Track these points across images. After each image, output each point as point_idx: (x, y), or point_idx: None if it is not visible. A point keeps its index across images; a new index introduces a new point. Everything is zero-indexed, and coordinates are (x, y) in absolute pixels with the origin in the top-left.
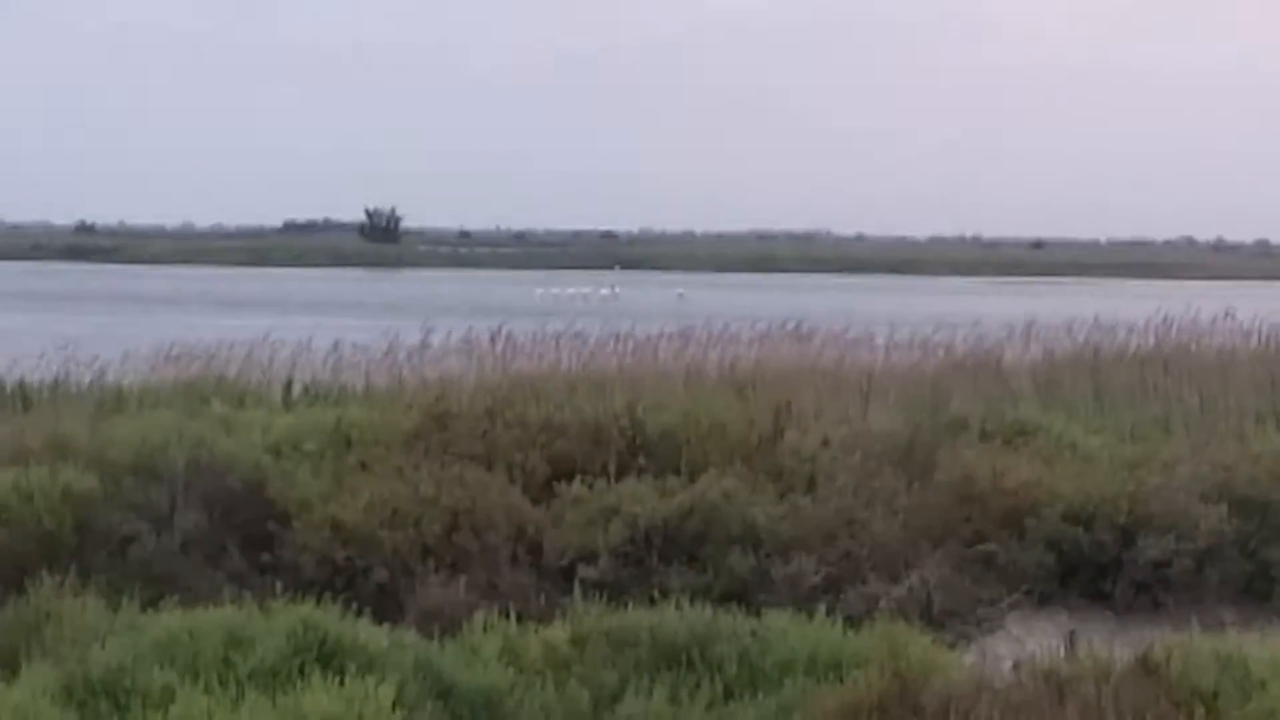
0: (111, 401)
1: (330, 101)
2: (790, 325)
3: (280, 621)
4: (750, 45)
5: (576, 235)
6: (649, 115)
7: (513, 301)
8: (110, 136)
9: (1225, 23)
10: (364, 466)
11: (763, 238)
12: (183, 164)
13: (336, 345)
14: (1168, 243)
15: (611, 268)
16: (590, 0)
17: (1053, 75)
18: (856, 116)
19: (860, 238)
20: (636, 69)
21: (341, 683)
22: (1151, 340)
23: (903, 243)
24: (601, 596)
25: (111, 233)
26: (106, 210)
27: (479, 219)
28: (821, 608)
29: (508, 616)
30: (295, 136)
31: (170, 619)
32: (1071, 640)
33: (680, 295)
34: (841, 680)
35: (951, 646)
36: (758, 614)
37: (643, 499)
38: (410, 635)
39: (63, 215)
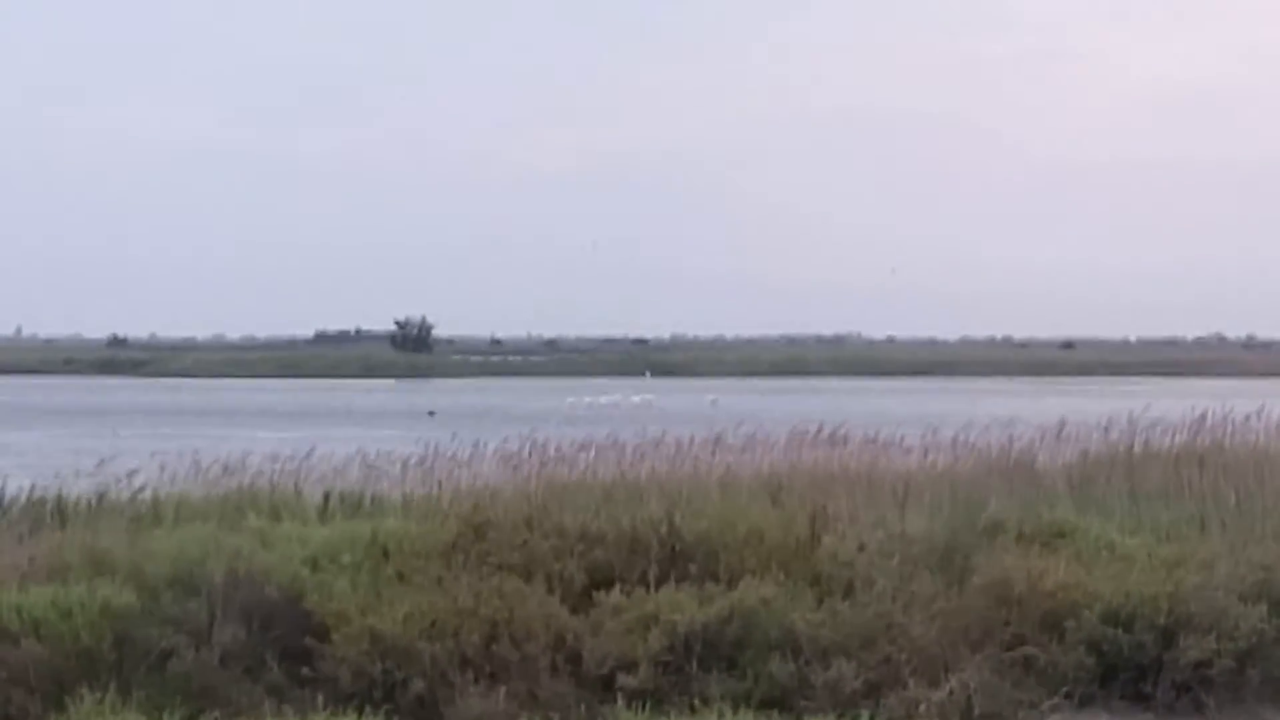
0: (148, 516)
1: (358, 211)
2: (823, 429)
3: None
4: (775, 150)
5: (607, 342)
6: (675, 219)
7: (545, 410)
8: (141, 249)
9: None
10: (402, 578)
11: (792, 341)
12: (213, 275)
13: (372, 456)
14: (1198, 340)
15: (642, 374)
16: (620, 104)
17: (1079, 176)
18: (883, 219)
19: (890, 340)
20: (655, 173)
21: None
22: (1185, 438)
23: (933, 344)
24: (642, 705)
25: (143, 345)
26: (138, 323)
27: (510, 326)
28: (863, 713)
29: None
30: (325, 247)
31: None
32: None
33: (713, 402)
34: None
35: None
36: None
37: (682, 606)
38: None
39: (94, 329)
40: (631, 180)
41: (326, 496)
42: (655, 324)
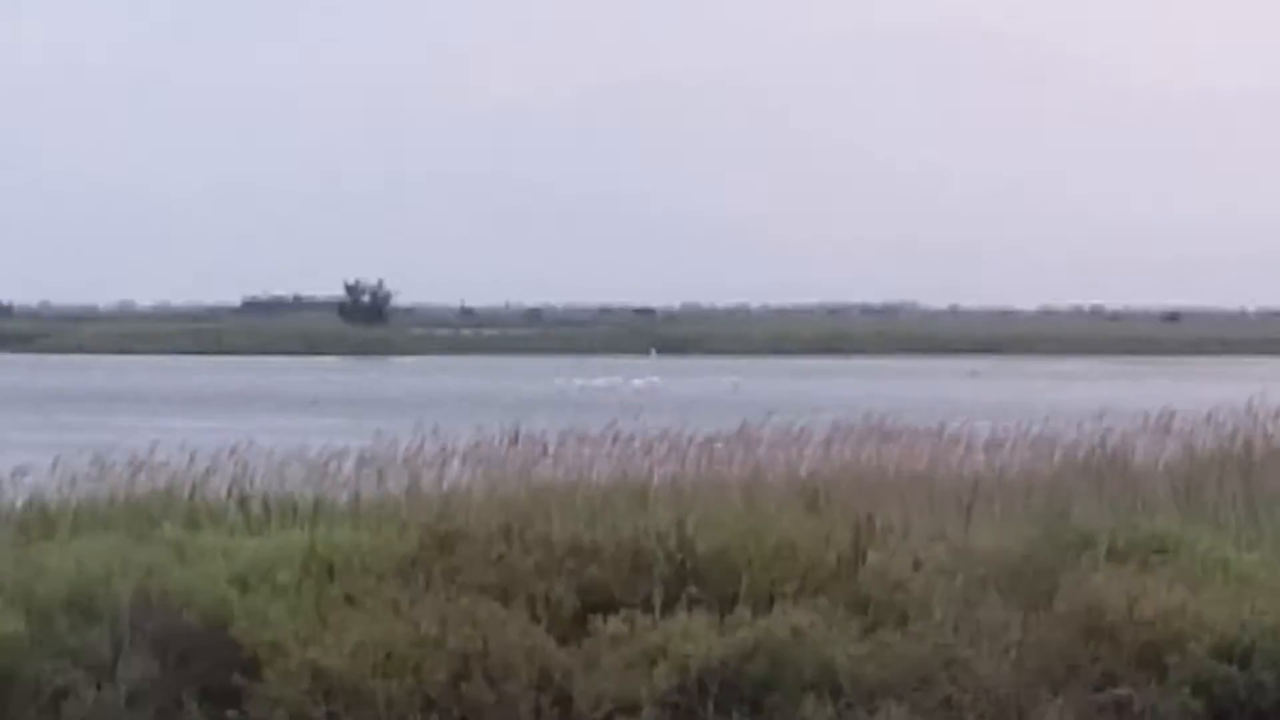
0: (38, 525)
1: (296, 152)
2: (871, 420)
3: None
4: (818, 78)
5: (604, 312)
6: (688, 161)
7: (528, 395)
8: (31, 199)
9: None
10: (350, 601)
11: (833, 312)
12: (118, 230)
13: (314, 452)
14: None
15: (648, 351)
16: (625, 38)
17: (1190, 119)
18: (946, 163)
19: (954, 311)
20: (664, 108)
21: None
22: None
23: (1006, 316)
24: None
25: (33, 315)
26: (27, 289)
27: (485, 293)
28: None
29: None
30: (257, 193)
31: None
32: None
33: (735, 386)
34: None
35: None
36: None
37: (695, 637)
38: None
39: None
40: (636, 117)
41: (258, 501)
42: (663, 290)
